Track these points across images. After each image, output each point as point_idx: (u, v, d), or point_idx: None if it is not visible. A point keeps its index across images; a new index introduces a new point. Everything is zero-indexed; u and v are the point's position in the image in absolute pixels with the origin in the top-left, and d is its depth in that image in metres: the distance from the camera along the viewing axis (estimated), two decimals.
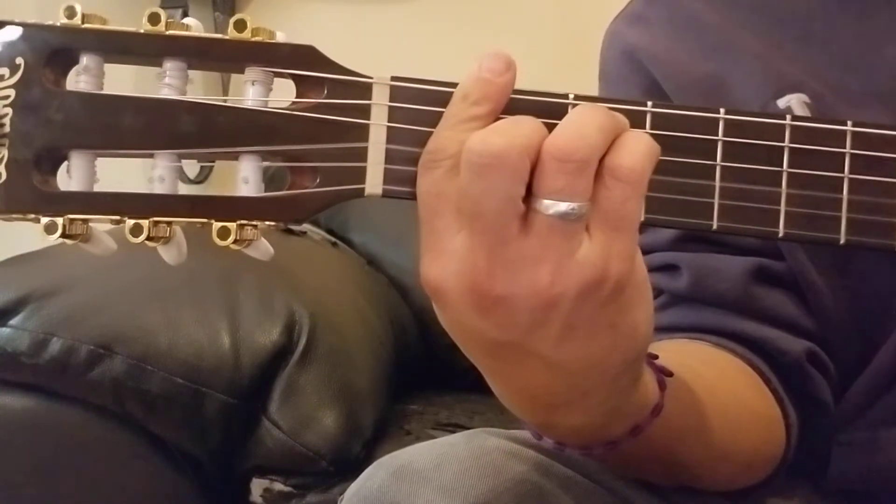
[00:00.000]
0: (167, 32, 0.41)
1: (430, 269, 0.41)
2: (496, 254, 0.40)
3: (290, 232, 1.13)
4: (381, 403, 1.08)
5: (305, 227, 1.24)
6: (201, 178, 1.50)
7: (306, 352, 1.01)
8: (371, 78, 0.42)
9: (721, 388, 0.57)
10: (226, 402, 0.99)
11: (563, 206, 0.40)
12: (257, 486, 1.02)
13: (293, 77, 0.42)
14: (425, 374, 1.27)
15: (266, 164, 0.42)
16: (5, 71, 0.40)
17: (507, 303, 0.40)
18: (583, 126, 0.41)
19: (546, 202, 0.40)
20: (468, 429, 0.58)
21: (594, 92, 0.71)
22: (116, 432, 1.00)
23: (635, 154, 0.41)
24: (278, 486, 1.01)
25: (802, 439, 0.63)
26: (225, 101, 0.41)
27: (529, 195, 0.40)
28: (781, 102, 0.61)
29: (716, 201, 0.44)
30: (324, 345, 1.03)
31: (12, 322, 0.99)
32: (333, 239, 1.31)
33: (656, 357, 0.51)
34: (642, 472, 0.57)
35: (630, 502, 0.57)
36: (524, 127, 0.40)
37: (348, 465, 0.99)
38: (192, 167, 0.78)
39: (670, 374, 0.51)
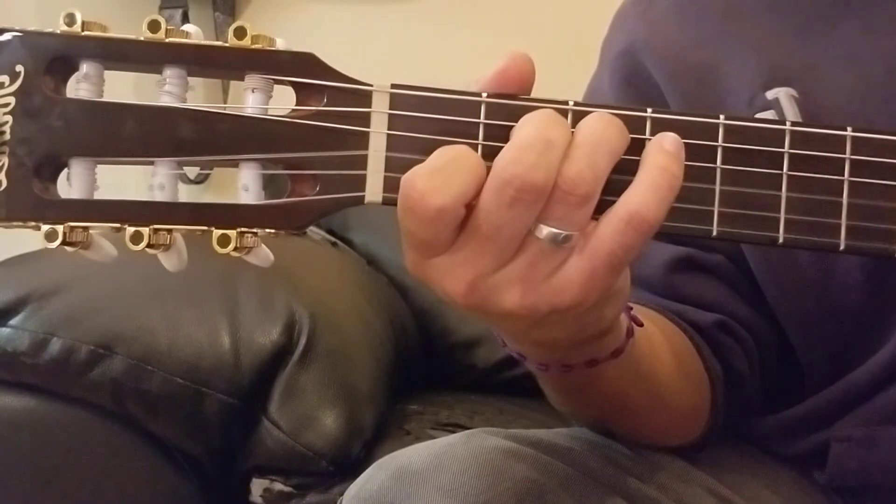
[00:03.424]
0: (167, 40, 0.41)
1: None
2: (486, 274, 0.41)
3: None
4: (381, 403, 1.08)
5: None
6: (201, 179, 1.50)
7: (306, 352, 1.01)
8: (371, 86, 0.42)
9: (662, 341, 0.60)
10: (226, 402, 0.98)
11: (555, 232, 0.41)
12: (257, 485, 1.02)
13: (293, 84, 0.42)
14: (425, 374, 1.27)
15: (266, 171, 0.42)
16: (5, 78, 0.40)
17: (477, 308, 0.42)
18: (596, 155, 0.41)
19: (540, 225, 0.40)
20: (468, 429, 0.59)
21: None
22: (116, 432, 1.00)
23: (651, 203, 0.41)
24: (278, 486, 1.01)
25: (730, 412, 0.66)
26: (225, 108, 0.41)
27: None
28: (770, 94, 0.62)
29: (715, 208, 0.44)
30: (324, 345, 1.02)
31: (12, 322, 0.99)
32: (333, 239, 1.30)
33: (631, 308, 0.53)
34: (592, 407, 0.59)
35: (629, 499, 0.57)
36: (555, 155, 0.40)
37: (348, 465, 0.99)
38: (191, 168, 0.77)
39: (641, 325, 0.53)
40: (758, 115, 0.62)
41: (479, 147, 0.42)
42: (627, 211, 0.41)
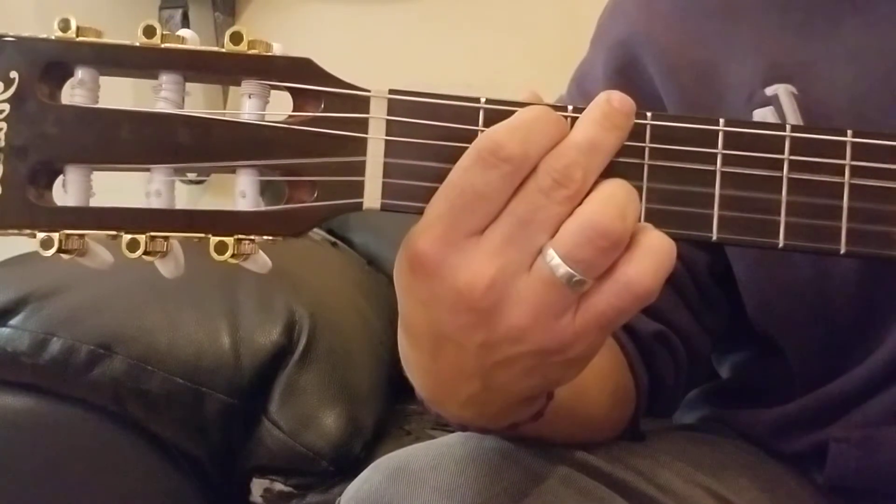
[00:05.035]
0: (162, 45, 0.41)
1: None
2: (508, 277, 0.40)
3: None
4: (381, 403, 1.08)
5: None
6: (201, 179, 1.49)
7: (306, 352, 1.01)
8: (369, 91, 0.42)
9: (593, 378, 0.59)
10: (226, 402, 0.98)
11: (572, 272, 0.40)
12: (257, 486, 1.02)
13: (290, 90, 0.42)
14: None
15: (263, 178, 0.41)
16: None
17: (486, 309, 0.41)
18: (627, 204, 0.41)
19: (557, 260, 0.40)
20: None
21: None
22: (116, 432, 1.00)
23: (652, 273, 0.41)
24: (278, 486, 1.01)
25: (650, 408, 0.67)
26: (222, 114, 0.41)
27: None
28: (769, 91, 0.61)
29: (715, 212, 0.43)
30: (324, 345, 1.02)
31: (12, 322, 0.99)
32: (333, 239, 1.31)
33: None
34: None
35: (629, 498, 0.57)
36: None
37: (348, 465, 0.99)
38: None
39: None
40: (756, 111, 0.62)
41: None
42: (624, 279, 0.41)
